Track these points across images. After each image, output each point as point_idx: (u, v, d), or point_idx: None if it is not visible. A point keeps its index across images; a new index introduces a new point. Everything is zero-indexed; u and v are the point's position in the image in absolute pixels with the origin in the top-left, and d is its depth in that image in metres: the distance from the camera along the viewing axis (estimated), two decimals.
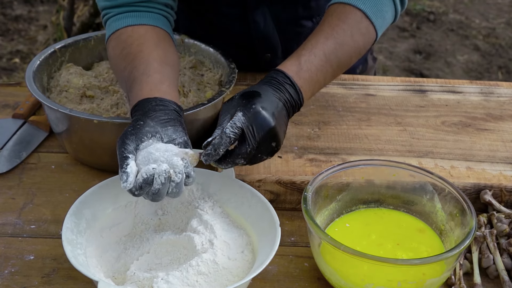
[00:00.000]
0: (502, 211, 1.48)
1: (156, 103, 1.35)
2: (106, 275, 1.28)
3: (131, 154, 1.28)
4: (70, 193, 1.54)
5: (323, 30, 1.50)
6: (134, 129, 1.31)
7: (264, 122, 1.32)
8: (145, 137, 1.30)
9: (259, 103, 1.33)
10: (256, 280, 1.33)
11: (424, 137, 1.68)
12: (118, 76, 1.55)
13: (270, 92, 1.37)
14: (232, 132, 1.30)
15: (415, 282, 1.26)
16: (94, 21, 4.37)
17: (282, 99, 1.38)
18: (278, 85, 1.40)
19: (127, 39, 1.54)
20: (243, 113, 1.31)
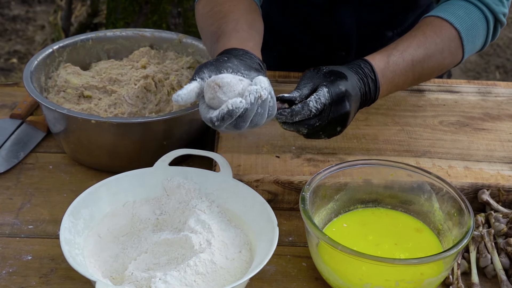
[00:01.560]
0: (499, 211, 1.48)
1: (244, 52, 1.36)
2: (104, 275, 1.28)
3: (199, 78, 1.26)
4: (68, 193, 1.54)
5: (417, 37, 1.51)
6: (216, 62, 1.30)
7: (343, 106, 1.33)
8: (224, 70, 1.28)
9: (345, 86, 1.34)
10: (254, 280, 1.33)
11: (421, 137, 1.68)
12: (203, 31, 1.55)
13: (355, 80, 1.39)
14: (315, 107, 1.30)
15: (413, 282, 1.26)
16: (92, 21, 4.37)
17: (362, 90, 1.40)
18: (363, 75, 1.41)
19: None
20: (329, 91, 1.32)
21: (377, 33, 1.88)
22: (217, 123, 1.22)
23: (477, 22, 1.55)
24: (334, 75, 1.35)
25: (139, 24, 3.56)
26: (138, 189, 1.42)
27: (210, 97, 1.24)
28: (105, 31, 1.87)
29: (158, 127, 1.56)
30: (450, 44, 1.53)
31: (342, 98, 1.33)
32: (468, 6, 1.55)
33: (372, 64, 1.43)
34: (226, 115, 1.21)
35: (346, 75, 1.36)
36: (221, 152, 1.56)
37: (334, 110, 1.33)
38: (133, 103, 1.64)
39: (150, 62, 1.79)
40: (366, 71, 1.42)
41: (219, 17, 1.51)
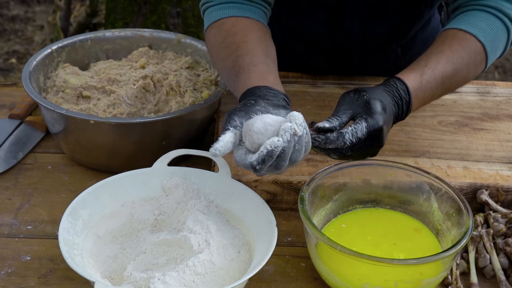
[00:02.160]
0: (498, 211, 1.48)
1: (267, 90, 1.35)
2: (102, 275, 1.28)
3: (232, 127, 1.26)
4: (67, 194, 1.54)
5: (445, 52, 1.49)
6: (244, 107, 1.29)
7: (378, 141, 1.33)
8: (254, 114, 1.27)
9: (383, 119, 1.33)
10: (253, 280, 1.33)
11: (420, 137, 1.68)
12: (219, 64, 1.54)
13: (391, 106, 1.38)
14: (350, 139, 1.29)
15: (412, 282, 1.26)
16: (91, 21, 4.37)
17: (395, 114, 1.39)
18: (398, 99, 1.40)
19: (230, 28, 1.54)
20: (367, 126, 1.31)
21: (381, 45, 1.88)
22: (258, 167, 1.21)
23: (499, 33, 1.53)
24: (374, 105, 1.34)
25: (138, 24, 3.56)
26: (137, 189, 1.42)
27: (251, 141, 1.23)
28: (104, 31, 1.87)
29: (157, 127, 1.56)
30: (476, 57, 1.52)
31: (378, 134, 1.32)
32: (490, 17, 1.53)
33: (408, 86, 1.42)
34: (266, 157, 1.20)
35: (385, 105, 1.35)
36: None
37: (369, 143, 1.32)
38: (132, 103, 1.64)
39: (149, 62, 1.79)
40: (402, 94, 1.41)
41: (233, 50, 1.49)
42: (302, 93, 1.84)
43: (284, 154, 1.21)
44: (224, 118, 1.29)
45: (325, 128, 1.29)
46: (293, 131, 1.21)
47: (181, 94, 1.66)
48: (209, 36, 1.58)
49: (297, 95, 1.83)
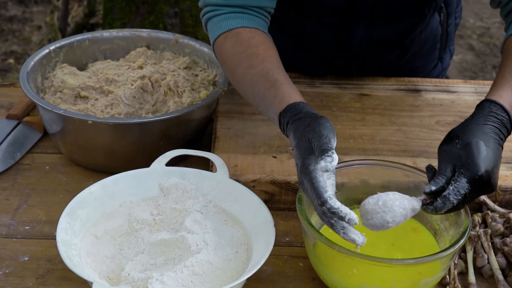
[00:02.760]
0: (496, 211, 1.48)
1: (321, 117, 1.33)
2: (100, 275, 1.28)
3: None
4: (65, 194, 1.54)
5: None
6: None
7: (486, 189, 1.27)
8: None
9: (484, 164, 1.25)
10: (251, 281, 1.33)
11: (418, 137, 1.68)
12: (241, 71, 1.50)
13: (492, 140, 1.29)
14: (456, 199, 1.25)
15: (409, 282, 1.26)
16: (89, 22, 4.37)
17: (501, 141, 1.31)
18: (499, 125, 1.32)
19: (249, 39, 1.51)
20: (468, 180, 1.25)
21: (384, 49, 1.88)
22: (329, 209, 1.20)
23: None
24: (470, 152, 1.27)
25: (136, 25, 3.56)
26: (135, 189, 1.42)
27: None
28: (101, 31, 1.86)
29: (155, 127, 1.56)
30: None
31: (483, 181, 1.25)
32: None
33: (501, 104, 1.34)
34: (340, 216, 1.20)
35: (482, 144, 1.28)
36: (218, 153, 1.56)
37: (479, 190, 1.27)
38: (130, 104, 1.64)
39: (146, 63, 1.79)
40: (499, 117, 1.33)
41: (259, 60, 1.47)
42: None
43: None
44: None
45: (432, 191, 1.26)
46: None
47: (179, 94, 1.66)
48: (226, 45, 1.54)
49: None
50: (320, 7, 1.78)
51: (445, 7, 1.92)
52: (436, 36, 1.94)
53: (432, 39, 1.94)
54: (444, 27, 1.95)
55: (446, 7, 1.92)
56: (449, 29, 1.97)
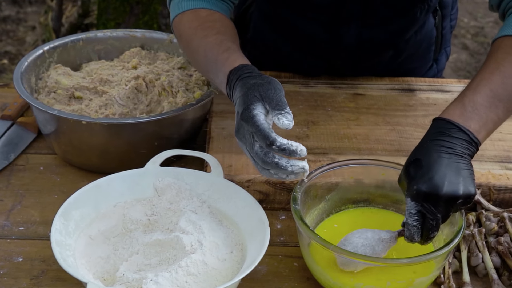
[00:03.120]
0: (490, 210, 1.49)
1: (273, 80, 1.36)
2: (95, 276, 1.28)
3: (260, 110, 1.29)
4: (59, 195, 1.54)
5: (488, 66, 1.41)
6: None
7: (433, 196, 1.24)
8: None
9: (421, 180, 1.25)
10: (246, 281, 1.33)
11: (412, 136, 1.68)
12: (196, 41, 1.53)
13: (432, 150, 1.29)
14: (414, 219, 1.26)
15: (404, 281, 1.26)
16: (83, 22, 4.36)
17: (450, 150, 1.29)
18: (442, 136, 1.31)
19: (207, 16, 1.55)
20: (411, 198, 1.26)
21: (376, 50, 1.88)
22: (274, 145, 1.24)
23: None
24: (409, 175, 1.28)
25: (130, 25, 3.56)
26: (129, 190, 1.42)
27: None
28: (95, 31, 1.86)
29: (149, 127, 1.55)
30: None
31: (424, 193, 1.24)
32: None
33: (445, 118, 1.34)
34: (286, 149, 1.24)
35: (420, 161, 1.27)
36: (212, 153, 1.56)
37: (432, 204, 1.25)
38: (124, 104, 1.64)
39: (141, 63, 1.79)
40: (444, 129, 1.32)
41: (215, 31, 1.50)
42: (294, 93, 1.84)
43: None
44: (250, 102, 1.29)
45: (403, 222, 1.29)
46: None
47: (173, 94, 1.66)
48: (183, 20, 1.57)
49: (289, 95, 1.83)
50: (308, 4, 1.78)
51: (440, 10, 1.91)
52: (431, 39, 1.94)
53: (426, 42, 1.94)
54: (439, 29, 1.94)
55: (441, 9, 1.91)
56: (444, 31, 1.97)
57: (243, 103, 1.29)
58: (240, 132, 1.29)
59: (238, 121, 1.29)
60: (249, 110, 1.27)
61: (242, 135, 1.29)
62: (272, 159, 1.24)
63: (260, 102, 1.28)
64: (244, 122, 1.27)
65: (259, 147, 1.25)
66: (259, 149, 1.25)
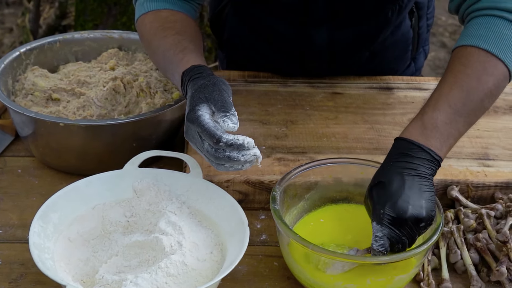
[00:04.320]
0: (469, 207, 1.49)
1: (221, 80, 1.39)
2: (74, 279, 1.27)
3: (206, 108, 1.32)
4: (37, 197, 1.53)
5: (446, 81, 1.40)
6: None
7: (398, 220, 1.24)
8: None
9: (386, 203, 1.25)
10: (226, 281, 1.33)
11: (391, 135, 1.68)
12: (156, 42, 1.56)
13: (395, 173, 1.29)
14: (380, 245, 1.25)
15: (384, 279, 1.27)
16: (60, 23, 4.34)
17: (412, 172, 1.29)
18: (402, 156, 1.31)
19: (168, 16, 1.58)
20: (376, 222, 1.26)
21: (350, 51, 1.88)
22: (222, 142, 1.27)
23: (503, 31, 1.42)
24: (373, 197, 1.29)
25: (108, 26, 3.55)
26: (108, 191, 1.42)
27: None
28: (72, 33, 1.85)
29: (128, 129, 1.55)
30: (485, 66, 1.40)
31: (389, 218, 1.24)
32: (487, 20, 1.44)
33: (405, 138, 1.33)
34: (232, 144, 1.27)
35: (383, 183, 1.28)
36: (191, 153, 1.56)
37: (398, 228, 1.25)
38: (102, 105, 1.63)
39: (118, 64, 1.79)
40: (403, 149, 1.32)
41: (174, 32, 1.53)
42: (272, 93, 1.84)
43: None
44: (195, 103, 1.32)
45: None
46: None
47: (152, 95, 1.66)
48: (145, 21, 1.60)
49: (268, 94, 1.83)
50: (277, 4, 1.78)
51: (416, 11, 1.92)
52: (407, 40, 1.94)
53: (403, 43, 1.94)
54: (416, 30, 1.94)
55: (417, 10, 1.91)
56: (421, 31, 1.97)
57: (190, 105, 1.33)
58: (189, 133, 1.33)
59: (186, 122, 1.33)
60: (194, 111, 1.30)
61: (191, 135, 1.32)
62: (223, 153, 1.28)
63: (205, 103, 1.31)
64: (190, 123, 1.30)
65: (208, 145, 1.29)
66: (209, 147, 1.29)
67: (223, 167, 1.30)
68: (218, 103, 1.31)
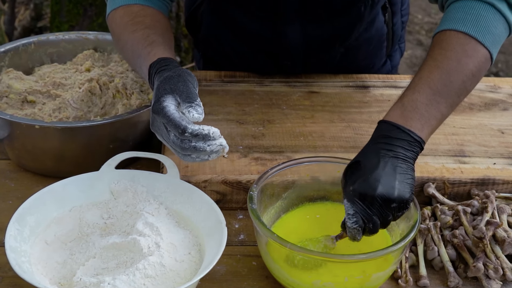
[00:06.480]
0: (445, 203, 1.50)
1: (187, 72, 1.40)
2: (52, 282, 1.26)
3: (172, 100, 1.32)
4: (14, 200, 1.52)
5: (426, 64, 1.41)
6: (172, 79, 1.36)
7: (367, 197, 1.25)
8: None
9: (357, 180, 1.27)
10: (205, 281, 1.33)
11: (367, 133, 1.68)
12: (125, 36, 1.56)
13: (371, 153, 1.30)
14: (353, 222, 1.26)
15: (362, 277, 1.27)
16: (36, 25, 4.31)
17: (390, 153, 1.29)
18: (381, 137, 1.32)
19: (139, 11, 1.58)
20: (347, 199, 1.27)
21: (324, 47, 1.88)
22: (187, 132, 1.26)
23: (481, 13, 1.43)
24: (346, 175, 1.30)
25: (84, 27, 3.53)
26: (84, 193, 1.41)
27: None
28: (47, 34, 1.84)
29: (104, 130, 1.54)
30: (464, 48, 1.42)
31: (359, 195, 1.26)
32: (465, 4, 1.45)
33: (385, 120, 1.35)
34: (198, 134, 1.27)
35: (358, 162, 1.29)
36: (168, 154, 1.55)
37: (368, 205, 1.25)
38: (78, 107, 1.62)
39: (94, 65, 1.78)
40: (384, 131, 1.33)
41: (144, 26, 1.53)
42: (249, 92, 1.84)
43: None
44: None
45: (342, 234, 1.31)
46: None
47: (128, 96, 1.65)
48: (115, 16, 1.60)
49: (245, 94, 1.83)
50: (250, 2, 1.79)
51: (390, 7, 1.93)
52: (382, 36, 1.95)
53: (377, 39, 1.95)
54: (390, 26, 1.95)
55: (390, 6, 1.92)
56: (395, 27, 1.97)
57: (155, 96, 1.34)
58: (155, 125, 1.33)
59: (151, 114, 1.33)
60: (159, 102, 1.31)
61: (157, 127, 1.33)
62: (189, 143, 1.28)
63: (171, 95, 1.32)
64: (156, 114, 1.31)
65: (174, 136, 1.29)
66: (175, 137, 1.29)
67: (190, 157, 1.30)
68: (183, 94, 1.32)
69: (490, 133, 1.72)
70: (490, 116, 1.79)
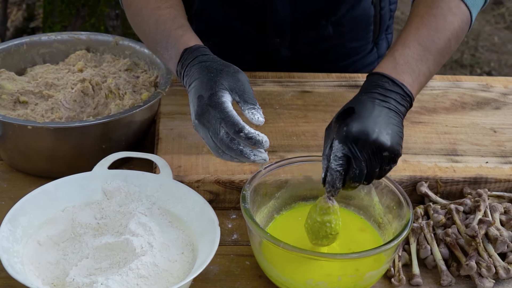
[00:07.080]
0: (438, 202, 1.51)
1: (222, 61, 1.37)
2: (45, 282, 1.26)
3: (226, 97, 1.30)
4: (6, 201, 1.52)
5: (412, 21, 1.42)
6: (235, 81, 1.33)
7: (362, 139, 1.23)
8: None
9: (352, 122, 1.25)
10: (198, 281, 1.33)
11: None
12: (144, 11, 1.53)
13: (366, 101, 1.29)
14: (338, 164, 1.25)
15: (355, 276, 1.27)
16: (28, 26, 4.31)
17: (383, 104, 1.29)
18: (375, 87, 1.32)
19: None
20: (339, 141, 1.25)
21: (312, 22, 1.89)
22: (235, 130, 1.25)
23: None
24: (339, 120, 1.28)
25: (77, 27, 3.53)
26: (77, 194, 1.41)
27: None
28: (39, 35, 1.84)
29: (97, 130, 1.54)
30: (449, 6, 1.44)
31: (354, 135, 1.24)
32: None
33: (378, 72, 1.35)
34: (249, 137, 1.25)
35: (352, 108, 1.28)
36: (161, 154, 1.56)
37: (359, 149, 1.24)
38: (71, 107, 1.62)
39: (86, 66, 1.78)
40: (376, 81, 1.33)
41: (168, 5, 1.51)
42: None
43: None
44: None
45: (323, 178, 1.29)
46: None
47: (120, 96, 1.65)
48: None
49: None
50: None
51: None
52: (369, 17, 1.95)
53: (365, 20, 1.94)
54: (378, 9, 1.96)
55: None
56: (383, 12, 1.98)
57: (210, 88, 1.29)
58: (205, 117, 1.28)
59: (204, 105, 1.28)
60: (217, 96, 1.27)
61: (207, 120, 1.28)
62: (238, 146, 1.25)
63: (228, 91, 1.29)
64: (212, 108, 1.27)
65: (225, 133, 1.26)
66: (225, 135, 1.26)
67: (229, 156, 1.28)
68: (244, 94, 1.29)
69: (483, 132, 1.72)
70: (482, 115, 1.80)
